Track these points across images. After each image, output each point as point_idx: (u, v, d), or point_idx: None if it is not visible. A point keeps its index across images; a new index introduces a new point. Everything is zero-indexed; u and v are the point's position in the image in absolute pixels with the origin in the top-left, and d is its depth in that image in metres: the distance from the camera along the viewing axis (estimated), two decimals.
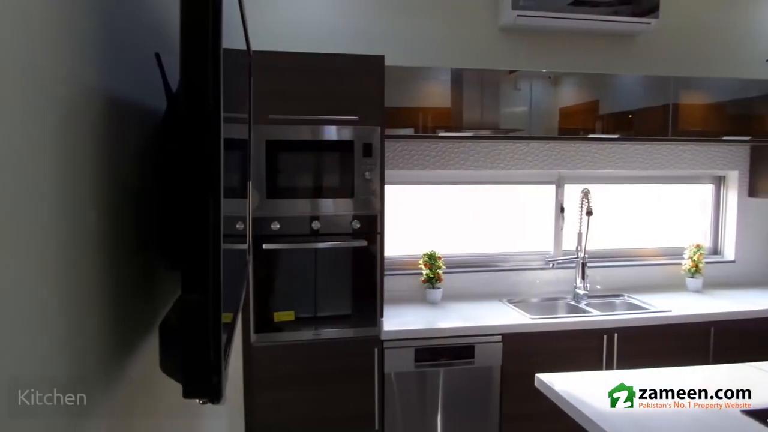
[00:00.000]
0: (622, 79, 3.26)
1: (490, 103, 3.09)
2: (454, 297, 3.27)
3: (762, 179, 3.64)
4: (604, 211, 3.50)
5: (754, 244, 3.77)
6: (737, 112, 3.38)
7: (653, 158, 3.61)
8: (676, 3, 3.49)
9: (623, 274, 3.59)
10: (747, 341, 3.02)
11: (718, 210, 3.85)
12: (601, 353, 2.91)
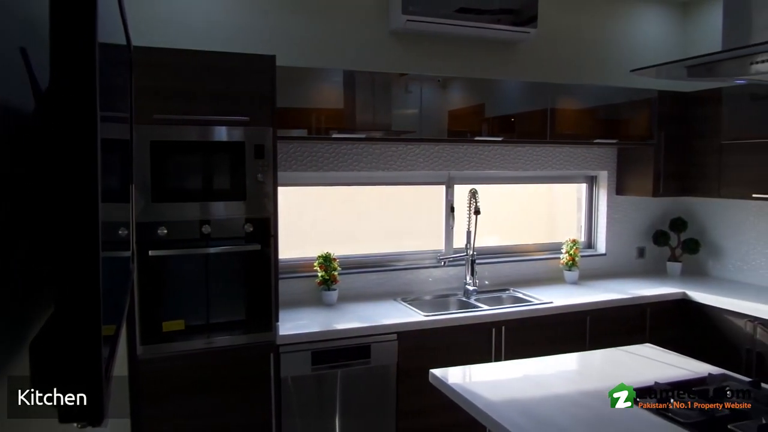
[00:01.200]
0: (506, 84, 3.44)
1: (382, 105, 3.14)
2: (350, 298, 3.29)
3: (627, 179, 3.99)
4: (491, 210, 3.66)
5: (621, 238, 4.13)
6: (606, 117, 3.67)
7: (534, 159, 3.84)
8: (553, 15, 3.74)
9: (509, 270, 3.79)
10: (618, 327, 3.30)
11: (591, 207, 4.17)
12: (490, 346, 3.04)
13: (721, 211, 3.97)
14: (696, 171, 3.74)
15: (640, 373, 2.11)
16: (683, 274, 4.04)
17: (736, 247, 3.89)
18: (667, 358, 2.34)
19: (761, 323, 3.11)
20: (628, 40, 4.05)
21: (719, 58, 1.58)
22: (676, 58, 1.84)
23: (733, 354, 3.22)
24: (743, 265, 3.85)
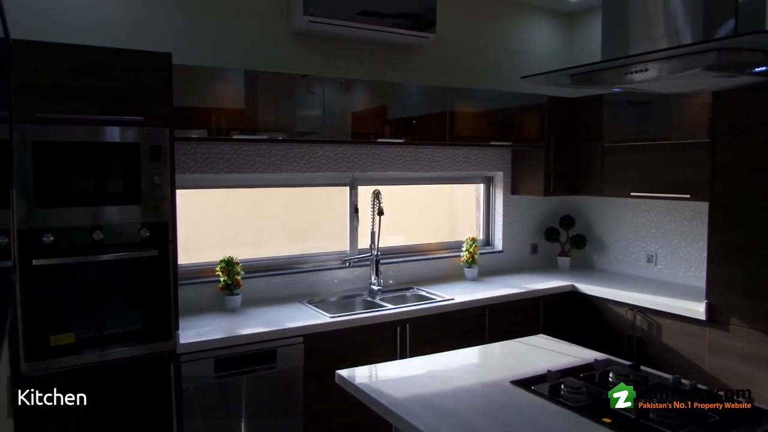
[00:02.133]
0: (407, 87, 3.52)
1: (284, 106, 3.11)
2: (255, 302, 3.23)
3: (521, 179, 4.21)
4: (395, 211, 3.74)
5: (516, 235, 4.35)
6: (501, 120, 3.85)
7: (435, 160, 3.95)
8: (450, 21, 3.87)
9: (413, 268, 3.88)
10: (514, 320, 3.47)
11: (489, 206, 4.36)
12: (395, 344, 3.11)
13: (604, 208, 4.29)
14: (582, 171, 4.02)
15: (534, 362, 2.24)
16: (572, 268, 4.33)
17: (617, 242, 4.22)
18: (559, 346, 2.50)
19: (640, 311, 3.40)
20: (520, 48, 4.28)
21: (598, 68, 1.72)
22: (562, 67, 1.97)
23: (616, 340, 3.49)
24: (624, 258, 4.18)
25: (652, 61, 1.58)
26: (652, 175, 3.56)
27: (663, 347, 3.29)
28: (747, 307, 2.92)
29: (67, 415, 2.31)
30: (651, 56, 1.57)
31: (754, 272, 2.89)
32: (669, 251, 3.88)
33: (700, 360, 3.12)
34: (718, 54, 1.46)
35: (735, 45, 1.44)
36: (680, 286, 3.69)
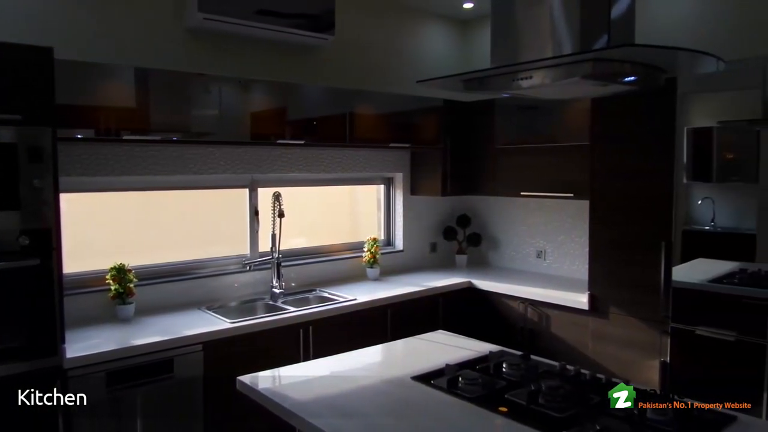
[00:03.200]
0: (307, 88, 3.51)
1: (179, 106, 3.00)
2: (150, 311, 3.09)
3: (420, 180, 4.33)
4: (297, 212, 3.72)
5: (416, 234, 4.47)
6: (400, 122, 3.94)
7: (335, 162, 3.97)
8: (349, 24, 3.90)
9: (316, 270, 3.87)
10: (415, 317, 3.56)
11: (389, 207, 4.44)
12: (298, 347, 3.09)
13: (498, 207, 4.51)
14: (477, 172, 4.20)
15: (434, 358, 2.31)
16: (469, 265, 4.51)
17: (510, 239, 4.45)
18: (457, 341, 2.60)
19: (531, 304, 3.61)
20: (418, 53, 4.40)
21: (487, 74, 1.81)
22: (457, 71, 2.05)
23: (510, 332, 3.68)
24: (516, 254, 4.42)
25: (536, 69, 1.70)
26: (540, 175, 3.80)
27: (552, 337, 3.52)
28: (623, 297, 3.19)
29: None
30: (535, 65, 1.69)
31: (626, 264, 3.17)
32: (556, 247, 4.15)
33: (585, 347, 3.36)
34: (593, 64, 1.59)
35: (607, 56, 1.58)
36: (567, 279, 3.95)
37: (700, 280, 3.10)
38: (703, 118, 3.25)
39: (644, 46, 1.56)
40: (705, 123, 3.25)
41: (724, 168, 3.29)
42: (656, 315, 3.04)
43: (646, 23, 3.50)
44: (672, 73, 1.86)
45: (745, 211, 2.91)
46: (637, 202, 3.12)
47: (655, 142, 3.04)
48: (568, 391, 1.85)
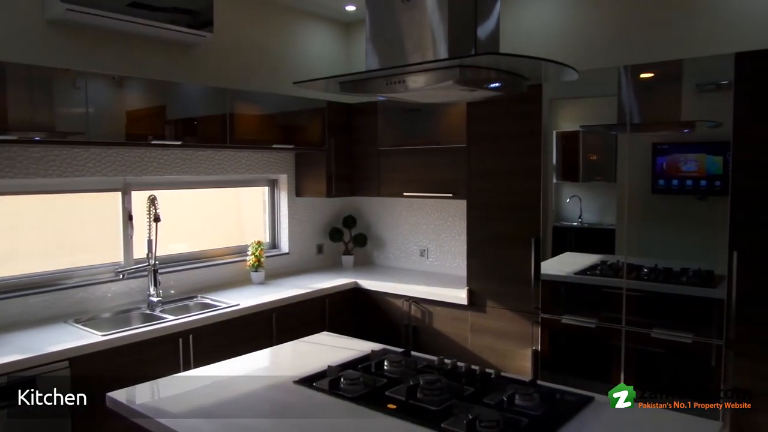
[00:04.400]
0: (186, 87, 3.37)
1: (41, 103, 2.76)
2: (8, 327, 2.82)
3: (305, 181, 4.31)
4: (178, 216, 3.56)
5: (302, 236, 4.44)
6: (283, 123, 3.90)
7: (216, 163, 3.85)
8: (230, 21, 3.80)
9: (197, 276, 3.73)
10: (301, 320, 3.54)
11: (274, 209, 4.38)
12: (178, 357, 2.96)
13: (382, 208, 4.59)
14: (361, 174, 4.25)
15: (317, 360, 2.31)
16: (355, 265, 4.55)
17: (394, 239, 4.55)
18: (340, 342, 2.62)
19: (414, 301, 3.72)
20: (301, 53, 4.37)
21: (361, 77, 1.84)
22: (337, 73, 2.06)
23: (396, 330, 3.76)
24: (400, 253, 4.52)
25: (408, 74, 1.75)
26: (422, 176, 3.92)
27: (435, 332, 3.64)
28: (499, 291, 3.37)
29: None
30: (405, 69, 1.74)
31: (501, 260, 3.35)
32: (438, 245, 4.30)
33: (465, 341, 3.51)
34: (460, 70, 1.66)
35: (472, 63, 1.66)
36: (448, 276, 4.10)
37: (566, 272, 3.33)
38: (571, 123, 3.49)
39: (504, 55, 1.66)
40: (573, 127, 3.51)
41: (588, 168, 3.55)
42: (528, 306, 3.25)
43: (517, 35, 3.75)
44: (534, 80, 1.99)
45: (607, 207, 3.17)
46: (510, 200, 3.31)
47: (525, 145, 3.24)
48: (444, 384, 1.92)
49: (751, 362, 2.63)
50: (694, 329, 2.79)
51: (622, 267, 3.01)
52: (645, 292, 2.97)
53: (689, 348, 2.80)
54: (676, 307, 2.92)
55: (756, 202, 2.60)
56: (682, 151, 2.95)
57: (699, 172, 2.89)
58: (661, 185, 3.01)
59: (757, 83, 2.57)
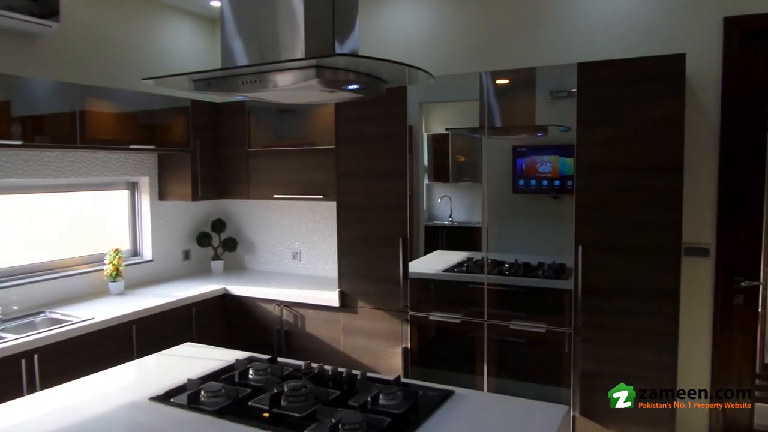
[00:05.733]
0: (31, 81, 3.04)
1: None
2: None
3: (169, 184, 4.08)
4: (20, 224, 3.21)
5: (167, 242, 4.20)
6: (144, 122, 3.66)
7: (66, 165, 3.52)
8: (77, 10, 3.50)
9: (45, 289, 3.39)
10: (166, 331, 3.34)
11: (135, 214, 4.10)
12: (20, 380, 2.67)
13: (253, 210, 4.47)
14: (229, 175, 4.11)
15: (177, 373, 2.18)
16: (225, 271, 4.39)
17: (266, 242, 4.45)
18: (204, 353, 2.49)
19: (286, 305, 3.65)
20: (163, 49, 4.12)
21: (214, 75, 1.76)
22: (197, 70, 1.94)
23: (268, 336, 3.67)
24: (272, 257, 4.43)
25: (264, 73, 1.70)
26: (293, 177, 3.87)
27: (307, 336, 3.60)
28: (370, 291, 3.41)
29: None
30: (260, 69, 1.69)
31: (371, 260, 3.38)
32: (310, 247, 4.26)
33: (337, 342, 3.51)
34: (317, 71, 1.64)
35: (329, 64, 1.65)
36: (322, 278, 4.08)
37: (436, 270, 3.43)
38: (441, 125, 3.61)
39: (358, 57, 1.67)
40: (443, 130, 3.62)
41: (457, 169, 3.68)
42: (397, 305, 3.31)
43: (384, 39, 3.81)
44: (394, 83, 2.01)
45: (475, 207, 3.30)
46: (378, 201, 3.35)
47: (392, 146, 3.30)
48: (310, 390, 1.89)
49: (596, 347, 2.87)
50: (548, 319, 2.99)
51: (486, 263, 3.15)
52: (505, 286, 3.15)
53: (544, 336, 3.00)
54: (533, 299, 3.12)
55: (597, 200, 2.84)
56: (539, 153, 3.16)
57: (553, 173, 3.11)
58: (521, 185, 3.20)
59: (596, 91, 2.81)
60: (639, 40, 3.18)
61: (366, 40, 3.85)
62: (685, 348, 3.04)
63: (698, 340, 3.17)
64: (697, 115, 3.06)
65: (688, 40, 3.06)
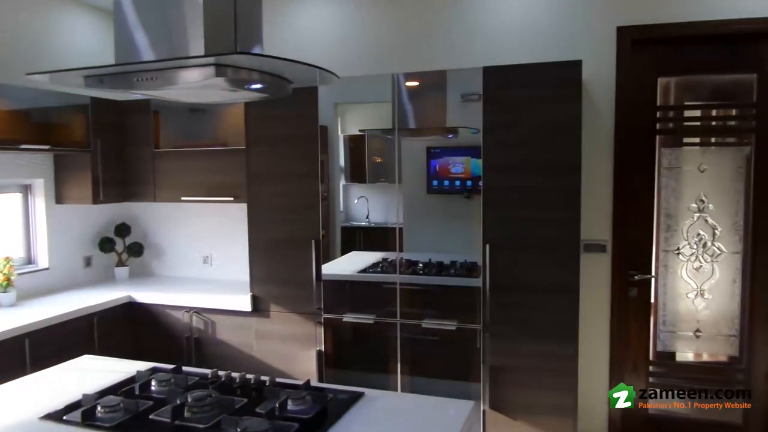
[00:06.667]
0: None
1: None
2: None
3: (67, 187, 3.82)
4: None
5: (66, 249, 3.94)
6: (37, 121, 3.42)
7: None
8: None
9: None
10: (64, 344, 3.12)
11: (28, 219, 3.82)
12: None
13: (160, 214, 4.28)
14: (134, 177, 3.92)
15: (73, 389, 2.04)
16: (131, 277, 4.19)
17: (174, 246, 4.28)
18: (104, 365, 2.36)
19: (196, 312, 3.53)
20: (57, 42, 3.85)
21: (104, 72, 1.66)
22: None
23: (177, 344, 3.53)
24: (182, 261, 4.27)
25: (160, 70, 1.62)
26: (202, 179, 3.74)
27: (219, 343, 3.49)
28: (283, 294, 3.35)
29: None
30: (156, 65, 1.61)
31: (283, 263, 3.33)
32: (222, 251, 4.14)
33: (250, 348, 3.43)
34: (216, 69, 1.58)
35: (229, 62, 1.60)
36: (234, 282, 3.96)
37: (351, 271, 3.43)
38: (357, 126, 3.61)
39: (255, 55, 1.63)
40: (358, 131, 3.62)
41: (374, 170, 3.69)
42: (311, 308, 3.28)
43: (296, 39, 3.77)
44: (299, 83, 1.98)
45: (391, 207, 3.32)
46: (290, 203, 3.30)
47: (304, 147, 3.26)
48: (215, 399, 1.83)
49: (503, 342, 2.97)
50: (459, 317, 3.06)
51: (401, 263, 3.19)
52: (418, 286, 3.19)
53: (455, 334, 3.07)
54: (445, 298, 3.18)
55: (502, 200, 2.94)
56: (452, 154, 3.23)
57: (465, 173, 3.19)
58: (435, 186, 3.27)
59: (501, 95, 2.91)
60: (542, 46, 3.33)
61: (280, 40, 3.80)
62: (585, 339, 3.21)
63: (597, 331, 3.35)
64: (594, 118, 3.24)
65: (585, 47, 3.23)
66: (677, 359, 3.42)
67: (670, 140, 3.33)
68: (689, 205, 3.27)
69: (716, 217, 3.23)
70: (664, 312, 3.36)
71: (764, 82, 3.10)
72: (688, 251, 3.29)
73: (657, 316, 3.37)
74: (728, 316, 3.27)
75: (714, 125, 3.37)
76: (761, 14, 2.98)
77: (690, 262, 3.29)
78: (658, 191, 3.31)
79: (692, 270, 3.29)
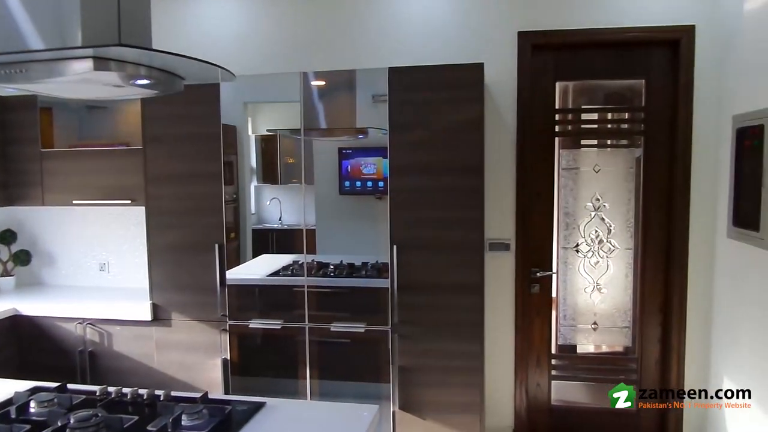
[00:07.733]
0: None
1: None
2: None
3: None
4: None
5: None
6: None
7: None
8: None
9: None
10: None
11: None
12: None
13: (50, 219, 3.97)
14: (18, 179, 3.61)
15: None
16: (18, 288, 3.86)
17: (68, 253, 3.98)
18: None
19: (90, 323, 3.29)
20: None
21: None
22: None
23: (69, 359, 3.28)
24: (76, 269, 3.98)
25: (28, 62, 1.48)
26: (97, 181, 3.51)
27: (116, 355, 3.28)
28: (185, 302, 3.20)
29: None
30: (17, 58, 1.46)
31: (186, 268, 3.19)
32: (120, 257, 3.90)
33: (150, 359, 3.25)
34: (94, 62, 1.46)
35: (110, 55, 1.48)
36: (133, 290, 3.74)
37: (258, 275, 3.32)
38: (268, 126, 3.50)
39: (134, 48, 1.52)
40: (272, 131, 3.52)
41: (286, 171, 3.60)
42: (215, 315, 3.15)
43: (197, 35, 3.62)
44: (193, 80, 1.87)
45: (307, 208, 3.24)
46: (192, 206, 3.16)
47: (206, 148, 3.12)
48: (102, 419, 1.69)
49: (412, 342, 2.98)
50: (368, 318, 3.04)
51: (312, 266, 3.13)
52: (327, 288, 3.14)
53: (365, 336, 3.04)
54: (355, 299, 3.15)
55: (408, 201, 2.95)
56: (363, 155, 3.20)
57: (377, 174, 3.17)
58: (347, 187, 3.23)
59: (406, 95, 2.92)
60: (448, 48, 3.37)
61: (181, 32, 3.63)
62: (491, 336, 3.28)
63: (502, 328, 3.44)
64: (497, 120, 3.32)
65: (488, 50, 3.31)
66: (578, 351, 3.57)
67: (569, 142, 3.48)
68: (586, 204, 3.43)
69: (611, 215, 3.41)
70: (565, 306, 3.51)
71: (652, 88, 3.30)
72: (585, 248, 3.44)
73: (558, 311, 3.51)
74: (622, 308, 3.46)
75: (609, 128, 3.55)
76: (649, 23, 3.17)
77: (587, 258, 3.45)
78: (558, 191, 3.45)
79: (590, 266, 3.45)
